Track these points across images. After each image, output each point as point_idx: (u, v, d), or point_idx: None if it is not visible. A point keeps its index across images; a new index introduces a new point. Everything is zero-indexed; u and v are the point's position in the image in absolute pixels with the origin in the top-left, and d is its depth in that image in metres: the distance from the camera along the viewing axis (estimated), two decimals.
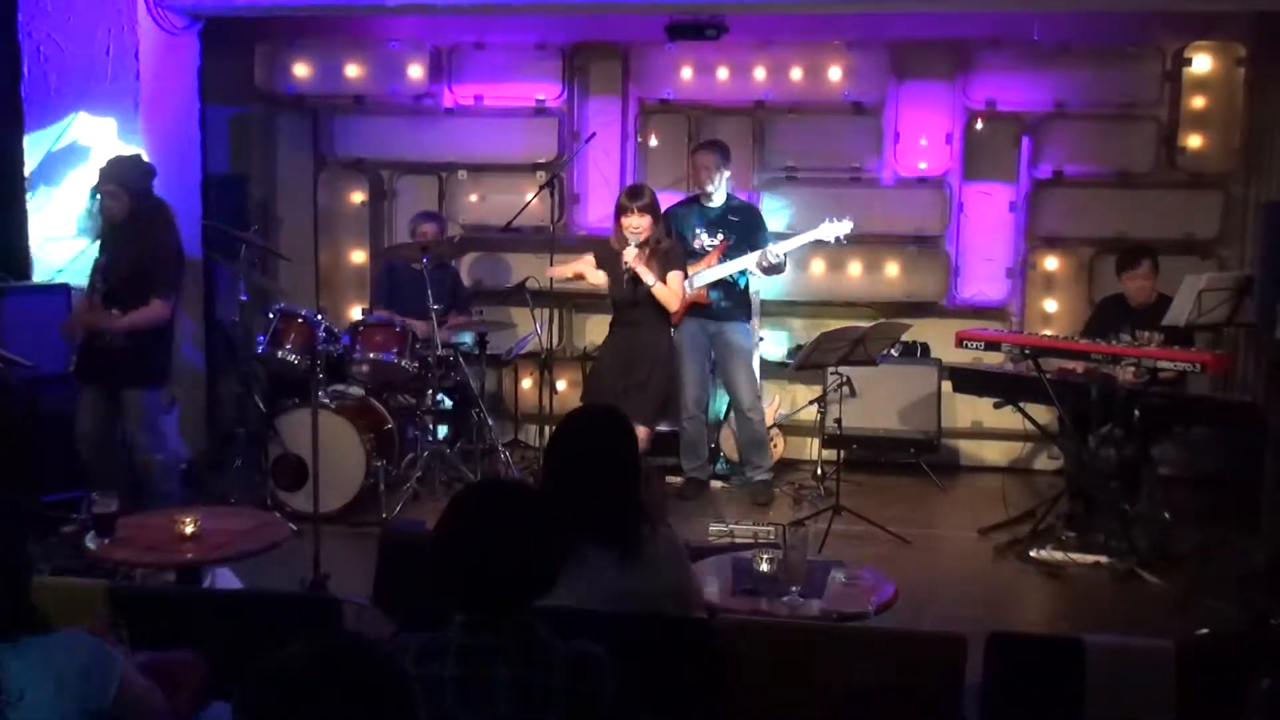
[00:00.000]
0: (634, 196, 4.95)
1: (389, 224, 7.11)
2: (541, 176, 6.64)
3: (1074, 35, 6.40)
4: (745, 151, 6.65)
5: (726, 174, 5.81)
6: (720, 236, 5.78)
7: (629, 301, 4.96)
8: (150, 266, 4.77)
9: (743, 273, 5.75)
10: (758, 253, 5.67)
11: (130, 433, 4.85)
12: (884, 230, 6.65)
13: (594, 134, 6.49)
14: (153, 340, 4.89)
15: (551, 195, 6.12)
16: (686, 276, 5.01)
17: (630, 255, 4.86)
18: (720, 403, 6.19)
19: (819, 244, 5.86)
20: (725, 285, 5.78)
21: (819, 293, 6.67)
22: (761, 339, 6.32)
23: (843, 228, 5.63)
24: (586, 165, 6.87)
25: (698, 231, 5.81)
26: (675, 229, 5.76)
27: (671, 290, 4.96)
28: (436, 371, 5.69)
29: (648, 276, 4.87)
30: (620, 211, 4.98)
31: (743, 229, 5.82)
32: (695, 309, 5.78)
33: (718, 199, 5.80)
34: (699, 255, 5.81)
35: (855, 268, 6.75)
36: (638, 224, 4.88)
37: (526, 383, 6.89)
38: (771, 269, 5.71)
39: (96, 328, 4.75)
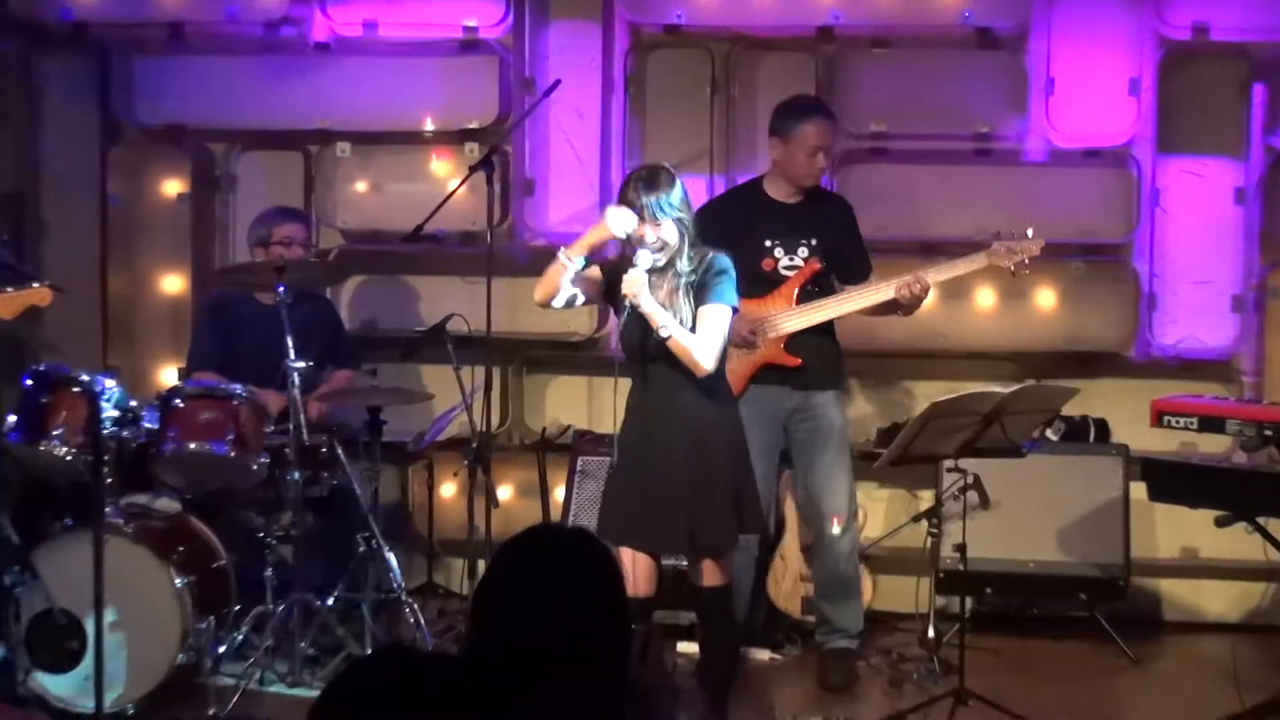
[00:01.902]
0: (649, 185, 4.85)
1: (224, 230, 7.16)
2: (474, 152, 6.66)
3: None
4: None
5: None
6: (804, 252, 5.78)
7: (643, 351, 4.88)
8: None
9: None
10: (899, 282, 5.66)
11: None
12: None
13: (558, 82, 6.53)
14: None
15: (489, 182, 6.11)
16: (736, 311, 4.98)
17: (634, 284, 4.75)
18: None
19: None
20: (814, 332, 5.79)
21: (918, 335, 6.66)
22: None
23: (1026, 246, 5.65)
24: (547, 132, 6.89)
25: (767, 244, 5.82)
26: (725, 236, 5.51)
27: (705, 341, 4.81)
28: (299, 472, 5.68)
29: (660, 316, 4.74)
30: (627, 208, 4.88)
31: (836, 239, 5.80)
32: (768, 371, 5.78)
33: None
34: (769, 282, 5.82)
35: (985, 296, 6.77)
36: (654, 237, 4.83)
37: (448, 489, 6.86)
38: (907, 307, 5.75)
39: None
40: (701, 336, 4.80)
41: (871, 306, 5.81)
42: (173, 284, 7.15)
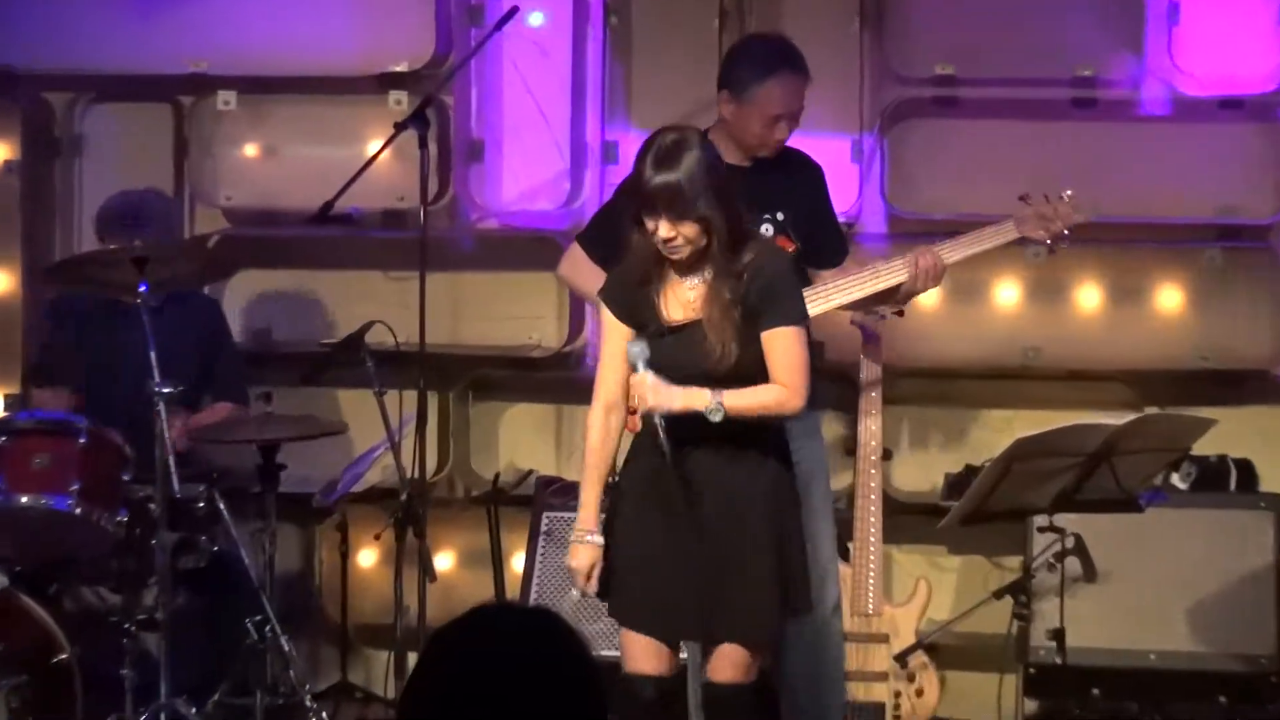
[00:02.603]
0: (667, 161, 4.77)
1: (66, 209, 7.14)
2: (402, 104, 6.65)
3: None
4: (846, 48, 6.70)
5: None
6: (770, 231, 5.76)
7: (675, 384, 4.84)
8: None
9: None
10: (908, 258, 5.69)
11: None
12: (1147, 213, 6.72)
13: (515, 9, 6.50)
14: None
15: (422, 144, 6.11)
16: (807, 328, 4.97)
17: (645, 390, 4.73)
18: None
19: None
20: None
21: (999, 349, 6.70)
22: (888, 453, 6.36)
23: (1063, 211, 5.70)
24: (500, 78, 6.90)
25: None
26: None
27: (782, 384, 4.81)
28: (168, 535, 5.65)
29: (702, 397, 4.74)
30: (640, 198, 4.83)
31: (806, 213, 5.84)
32: None
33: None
34: None
35: (1087, 295, 6.76)
36: (669, 234, 4.77)
37: (368, 557, 6.84)
38: (905, 296, 5.80)
39: None
40: (777, 378, 4.80)
41: (859, 300, 5.78)
42: None
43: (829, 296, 5.75)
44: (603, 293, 5.04)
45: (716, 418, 4.74)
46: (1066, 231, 5.75)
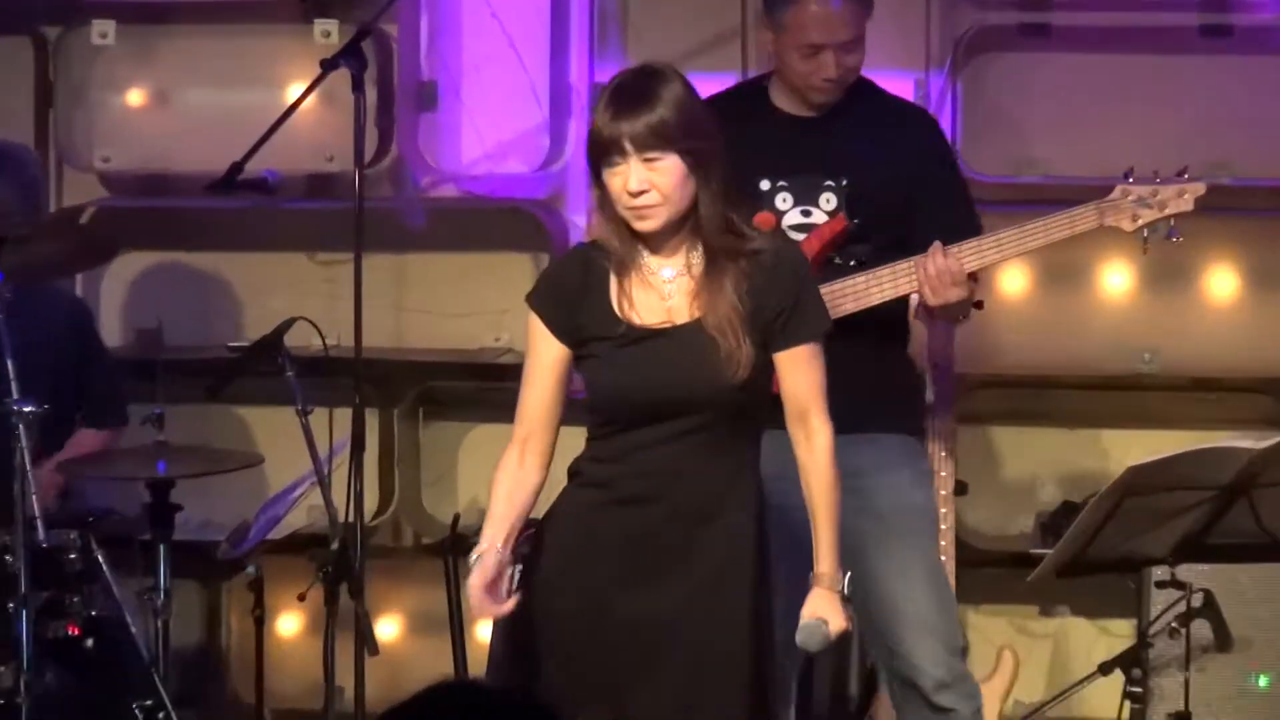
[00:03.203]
0: (630, 101, 4.70)
1: None
2: (331, 35, 6.68)
3: None
4: None
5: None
6: (831, 202, 5.80)
7: (649, 404, 4.86)
8: None
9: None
10: (911, 261, 5.65)
11: None
12: None
13: None
14: None
15: (358, 89, 6.05)
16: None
17: (837, 629, 4.82)
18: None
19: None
20: (861, 334, 5.72)
21: (1105, 353, 6.74)
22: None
23: (1168, 196, 5.63)
24: (457, 4, 6.94)
25: (765, 186, 5.84)
26: None
27: (819, 456, 4.84)
28: (31, 596, 5.63)
29: (836, 583, 4.83)
30: (598, 144, 4.78)
31: (891, 180, 5.85)
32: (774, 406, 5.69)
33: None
34: None
35: (1219, 282, 6.80)
36: (640, 184, 4.69)
37: (290, 623, 6.89)
38: (946, 308, 5.72)
39: None
40: (804, 404, 4.80)
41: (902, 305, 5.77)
42: None
43: (842, 301, 5.72)
44: (532, 295, 5.00)
45: (850, 590, 4.83)
46: (1173, 221, 5.66)
